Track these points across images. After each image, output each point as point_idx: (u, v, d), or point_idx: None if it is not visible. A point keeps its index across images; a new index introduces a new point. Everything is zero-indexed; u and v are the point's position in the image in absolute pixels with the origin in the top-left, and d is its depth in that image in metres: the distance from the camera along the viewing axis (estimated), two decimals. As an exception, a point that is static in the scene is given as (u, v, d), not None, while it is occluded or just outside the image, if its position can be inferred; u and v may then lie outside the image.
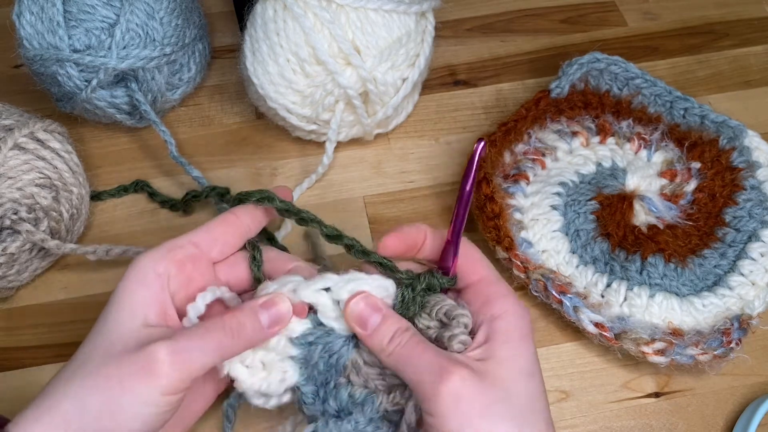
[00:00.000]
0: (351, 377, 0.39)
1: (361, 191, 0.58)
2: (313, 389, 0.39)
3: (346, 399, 0.38)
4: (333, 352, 0.39)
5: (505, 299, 0.37)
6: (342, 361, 0.39)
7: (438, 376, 0.34)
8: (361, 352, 0.39)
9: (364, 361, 0.39)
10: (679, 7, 0.70)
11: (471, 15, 0.70)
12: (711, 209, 0.53)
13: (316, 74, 0.53)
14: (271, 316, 0.37)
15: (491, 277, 0.39)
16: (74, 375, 0.34)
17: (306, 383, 0.39)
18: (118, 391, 0.33)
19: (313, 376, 0.39)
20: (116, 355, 0.34)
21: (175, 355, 0.33)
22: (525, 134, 0.57)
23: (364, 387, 0.39)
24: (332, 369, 0.39)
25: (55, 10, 0.53)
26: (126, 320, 0.36)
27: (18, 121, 0.49)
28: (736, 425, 0.46)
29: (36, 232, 0.48)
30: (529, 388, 0.35)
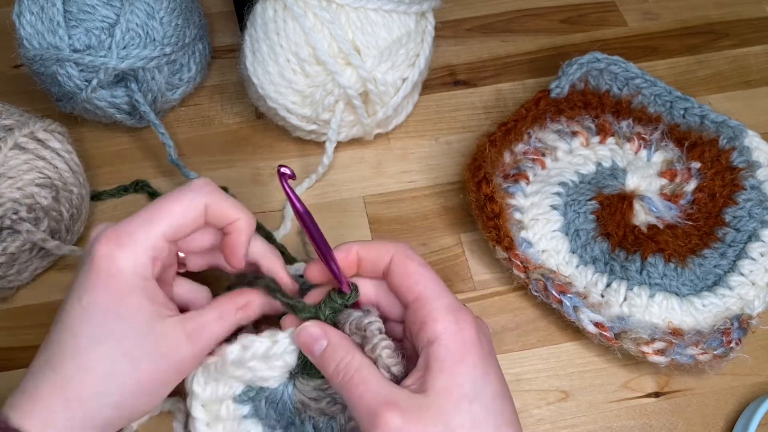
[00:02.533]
0: (308, 412, 0.41)
1: (361, 191, 0.58)
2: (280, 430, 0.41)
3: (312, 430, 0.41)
4: (277, 401, 0.41)
5: (437, 322, 0.35)
6: (289, 405, 0.41)
7: (372, 421, 0.33)
8: (302, 391, 0.41)
9: (309, 398, 0.41)
10: (679, 7, 0.70)
11: (471, 15, 0.70)
12: (711, 209, 0.53)
13: (316, 74, 0.53)
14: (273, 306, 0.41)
15: (426, 294, 0.36)
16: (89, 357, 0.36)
17: (273, 429, 0.41)
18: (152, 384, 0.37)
19: (275, 424, 0.41)
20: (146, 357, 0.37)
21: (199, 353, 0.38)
22: (525, 134, 0.57)
23: (323, 415, 0.41)
24: (285, 413, 0.41)
25: (55, 10, 0.53)
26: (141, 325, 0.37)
27: (18, 121, 0.49)
28: (736, 425, 0.46)
29: (36, 232, 0.48)
30: (472, 414, 0.33)
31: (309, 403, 0.40)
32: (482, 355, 0.35)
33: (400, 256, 0.38)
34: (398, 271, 0.38)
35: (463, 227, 0.55)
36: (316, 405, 0.40)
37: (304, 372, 0.40)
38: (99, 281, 0.36)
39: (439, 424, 0.32)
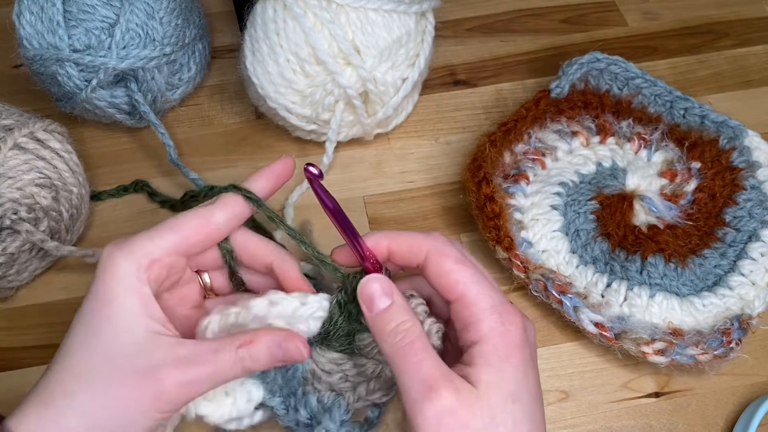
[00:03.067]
0: (315, 385, 0.40)
1: (361, 191, 0.58)
2: (281, 400, 0.39)
3: (316, 405, 0.39)
4: (287, 367, 0.39)
5: (482, 322, 0.34)
6: (299, 374, 0.39)
7: (425, 393, 0.33)
8: (317, 362, 0.39)
9: (322, 370, 0.39)
10: (679, 7, 0.71)
11: (471, 15, 0.70)
12: (711, 209, 0.53)
13: (316, 74, 0.53)
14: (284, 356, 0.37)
15: (468, 295, 0.35)
16: (77, 389, 0.34)
17: (272, 396, 0.39)
18: (130, 411, 0.34)
19: (276, 390, 0.39)
20: (126, 375, 0.34)
21: (184, 386, 0.34)
22: (525, 134, 0.57)
23: (330, 390, 0.39)
24: (292, 381, 0.39)
25: (55, 9, 0.53)
26: (125, 332, 0.35)
27: (18, 121, 0.49)
28: (736, 425, 0.46)
29: (36, 232, 0.48)
30: (514, 415, 0.33)
31: (321, 374, 0.39)
32: (525, 357, 0.34)
33: (435, 254, 0.36)
34: (435, 270, 0.36)
35: (463, 227, 0.55)
36: (327, 378, 0.39)
37: (324, 342, 0.39)
38: (96, 281, 0.36)
39: (486, 416, 0.32)
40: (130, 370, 0.34)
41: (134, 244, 0.36)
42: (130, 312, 0.35)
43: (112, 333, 0.35)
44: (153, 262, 0.36)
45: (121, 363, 0.34)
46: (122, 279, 0.36)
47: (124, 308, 0.35)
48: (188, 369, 0.34)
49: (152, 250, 0.36)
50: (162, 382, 0.34)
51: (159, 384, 0.34)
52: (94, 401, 0.34)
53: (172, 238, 0.37)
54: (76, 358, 0.35)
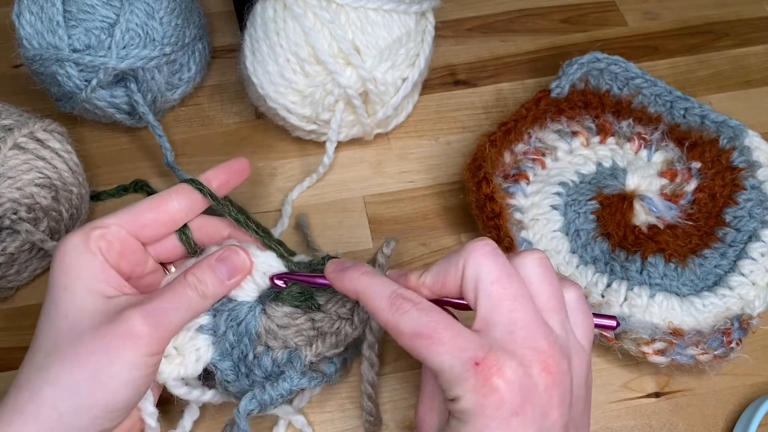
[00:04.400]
0: (268, 342, 0.40)
1: (361, 191, 0.58)
2: (231, 365, 0.39)
3: (271, 364, 0.40)
4: (239, 320, 0.39)
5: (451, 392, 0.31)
6: (252, 329, 0.40)
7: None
8: (271, 317, 0.40)
9: (277, 325, 0.40)
10: (679, 7, 0.71)
11: (471, 15, 0.70)
12: (711, 209, 0.53)
13: (316, 74, 0.53)
14: (229, 269, 0.39)
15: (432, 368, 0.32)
16: (47, 361, 0.34)
17: (222, 359, 0.39)
18: (105, 360, 0.33)
19: (227, 351, 0.39)
20: (89, 331, 0.34)
21: (150, 317, 0.35)
22: (525, 134, 0.57)
23: (284, 348, 0.40)
24: (243, 338, 0.39)
25: (54, 9, 0.53)
26: (83, 299, 0.35)
27: (18, 121, 0.49)
28: (737, 425, 0.46)
29: (35, 232, 0.48)
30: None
31: (275, 330, 0.40)
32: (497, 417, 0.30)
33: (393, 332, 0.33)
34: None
35: (463, 227, 0.55)
36: (282, 332, 0.40)
37: (277, 297, 0.40)
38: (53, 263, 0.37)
39: None
40: (94, 325, 0.34)
41: (86, 224, 0.38)
42: (86, 278, 0.36)
43: (70, 300, 0.35)
44: (102, 234, 0.37)
45: (84, 324, 0.34)
46: (73, 249, 0.36)
47: (78, 276, 0.36)
48: (149, 303, 0.35)
49: (100, 223, 0.38)
50: (127, 320, 0.34)
51: (124, 324, 0.34)
52: (65, 367, 0.33)
53: (123, 215, 0.39)
54: (43, 334, 0.35)
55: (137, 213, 0.39)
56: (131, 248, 0.39)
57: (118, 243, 0.38)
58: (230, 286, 0.39)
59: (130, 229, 0.39)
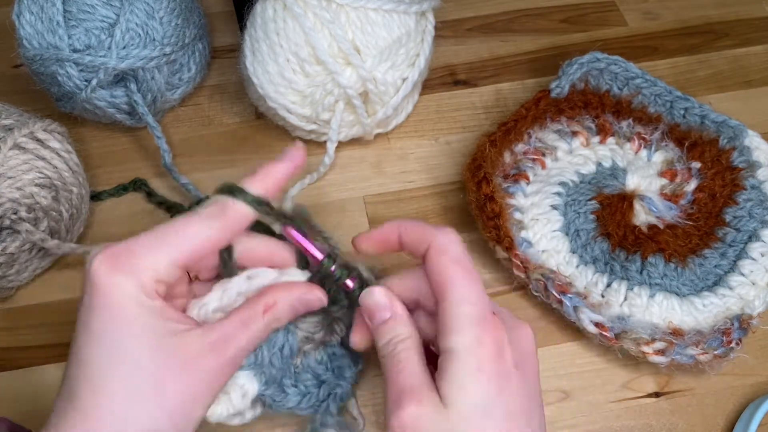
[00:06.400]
0: (304, 349, 0.40)
1: (361, 191, 0.58)
2: (276, 386, 0.39)
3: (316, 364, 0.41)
4: (281, 345, 0.39)
5: (456, 333, 0.34)
6: (294, 348, 0.39)
7: (395, 403, 0.33)
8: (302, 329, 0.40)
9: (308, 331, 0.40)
10: (679, 7, 0.70)
11: (471, 15, 0.70)
12: (711, 209, 0.53)
13: (316, 74, 0.53)
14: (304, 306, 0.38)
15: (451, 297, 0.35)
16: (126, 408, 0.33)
17: (267, 387, 0.39)
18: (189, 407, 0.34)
19: (271, 377, 0.39)
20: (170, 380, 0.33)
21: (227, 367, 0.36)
22: (525, 134, 0.57)
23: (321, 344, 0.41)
24: (287, 359, 0.39)
25: (54, 9, 0.53)
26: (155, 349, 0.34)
27: (18, 121, 0.49)
28: (736, 425, 0.46)
29: (35, 232, 0.48)
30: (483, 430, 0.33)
31: (312, 336, 0.40)
32: (500, 371, 0.34)
33: (435, 249, 0.36)
34: (431, 265, 0.36)
35: (463, 227, 0.55)
36: (319, 336, 0.40)
37: None
38: (101, 306, 0.33)
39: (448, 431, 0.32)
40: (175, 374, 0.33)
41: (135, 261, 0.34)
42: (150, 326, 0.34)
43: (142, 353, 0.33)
44: (158, 278, 0.34)
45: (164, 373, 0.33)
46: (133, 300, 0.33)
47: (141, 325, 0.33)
48: (227, 349, 0.35)
49: (156, 267, 0.34)
50: (209, 369, 0.34)
51: (203, 370, 0.34)
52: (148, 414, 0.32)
53: (176, 253, 0.35)
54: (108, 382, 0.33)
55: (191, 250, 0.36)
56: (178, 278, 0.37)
57: (170, 281, 0.35)
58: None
59: (181, 266, 0.36)
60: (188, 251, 0.35)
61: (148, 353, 0.33)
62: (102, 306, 0.33)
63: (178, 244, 0.35)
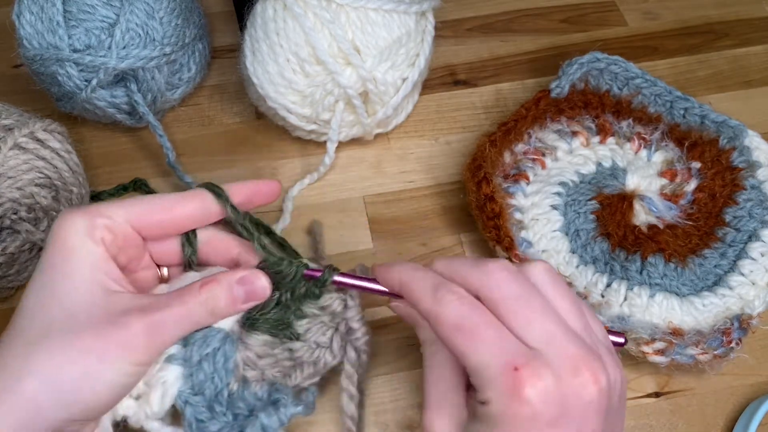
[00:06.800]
0: (246, 374, 0.38)
1: (361, 191, 0.58)
2: (205, 401, 0.37)
3: (253, 397, 0.38)
4: (215, 348, 0.37)
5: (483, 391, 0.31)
6: (230, 359, 0.37)
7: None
8: (247, 346, 0.38)
9: (256, 354, 0.38)
10: (679, 7, 0.70)
11: (471, 15, 0.70)
12: (711, 209, 0.53)
13: (316, 74, 0.53)
14: (247, 293, 0.36)
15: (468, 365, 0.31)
16: (33, 350, 0.32)
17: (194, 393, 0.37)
18: (96, 363, 0.32)
19: (200, 384, 0.37)
20: (86, 327, 0.33)
21: (151, 329, 0.33)
22: (525, 134, 0.57)
23: (261, 380, 0.38)
24: (221, 369, 0.37)
25: (55, 9, 0.53)
26: (82, 289, 0.34)
27: (18, 121, 0.49)
28: (736, 425, 0.46)
29: (36, 232, 0.48)
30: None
31: (254, 359, 0.38)
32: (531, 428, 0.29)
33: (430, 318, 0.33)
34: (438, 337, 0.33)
35: (463, 227, 0.55)
36: (260, 362, 0.38)
37: (253, 326, 0.38)
38: (50, 240, 0.34)
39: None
40: (92, 322, 0.33)
41: (94, 206, 0.36)
42: (87, 267, 0.34)
43: (69, 288, 0.34)
44: (108, 225, 0.35)
45: (81, 317, 0.33)
46: (75, 234, 0.34)
47: (79, 264, 0.34)
48: (154, 313, 0.34)
49: (108, 213, 0.35)
50: (128, 327, 0.33)
51: (125, 330, 0.33)
52: (54, 360, 0.32)
53: (131, 209, 0.36)
54: (30, 319, 0.33)
55: (147, 210, 0.37)
56: (133, 243, 0.37)
57: (122, 237, 0.36)
58: (240, 310, 0.37)
59: (136, 225, 0.37)
60: (144, 211, 0.37)
61: (73, 298, 0.33)
62: (50, 240, 0.34)
63: (137, 205, 0.37)
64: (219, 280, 0.36)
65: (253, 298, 0.37)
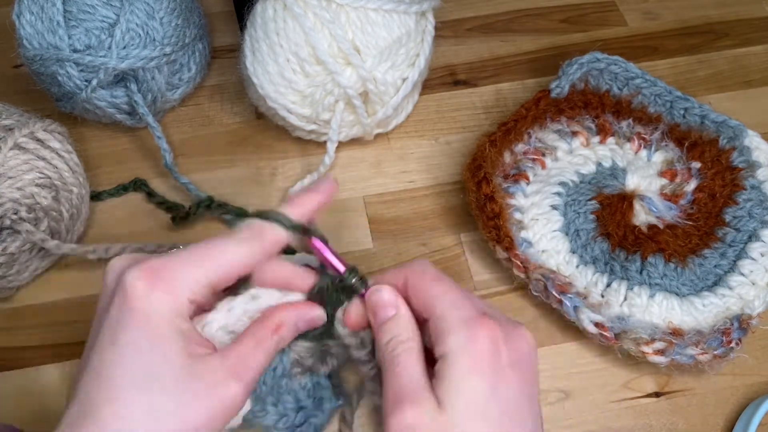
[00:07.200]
0: (292, 372, 0.40)
1: (361, 191, 0.58)
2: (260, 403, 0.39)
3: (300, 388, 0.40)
4: (274, 366, 0.39)
5: (447, 336, 0.34)
6: (286, 370, 0.39)
7: (393, 405, 0.33)
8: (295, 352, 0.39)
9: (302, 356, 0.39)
10: (679, 7, 0.70)
11: (471, 15, 0.70)
12: (711, 209, 0.53)
13: (316, 74, 0.53)
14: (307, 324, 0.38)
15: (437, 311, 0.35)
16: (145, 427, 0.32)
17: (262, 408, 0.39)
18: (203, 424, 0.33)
19: (260, 395, 0.39)
20: (193, 403, 0.33)
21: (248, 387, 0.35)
22: (525, 134, 0.57)
23: (310, 372, 0.40)
24: (278, 379, 0.39)
25: (55, 9, 0.53)
26: (180, 371, 0.33)
27: (18, 121, 0.49)
28: (736, 425, 0.46)
29: (36, 232, 0.48)
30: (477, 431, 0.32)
31: (303, 360, 0.40)
32: (494, 369, 0.33)
33: (413, 275, 0.37)
34: (413, 291, 0.37)
35: (463, 227, 0.55)
36: (309, 363, 0.40)
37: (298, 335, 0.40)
38: (135, 321, 0.33)
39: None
40: (197, 396, 0.33)
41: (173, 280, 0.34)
42: (180, 347, 0.33)
43: (168, 372, 0.33)
44: (193, 299, 0.34)
45: (186, 396, 0.33)
46: (162, 318, 0.33)
47: (174, 346, 0.33)
48: (245, 373, 0.34)
49: (193, 287, 0.34)
50: (230, 394, 0.34)
51: (228, 399, 0.34)
52: (158, 427, 0.32)
53: (212, 274, 0.35)
54: (131, 400, 0.32)
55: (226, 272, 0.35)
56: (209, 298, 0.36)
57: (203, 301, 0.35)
58: None
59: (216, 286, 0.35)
60: (224, 273, 0.35)
61: (173, 375, 0.33)
62: (135, 321, 0.33)
63: (215, 265, 0.35)
64: (286, 324, 0.37)
65: (311, 327, 0.38)
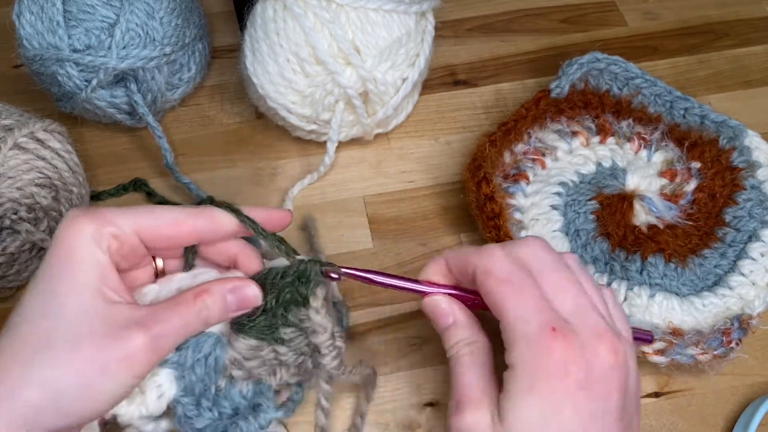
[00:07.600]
0: (233, 373, 0.39)
1: (361, 191, 0.58)
2: (193, 399, 0.38)
3: (238, 396, 0.39)
4: (207, 353, 0.38)
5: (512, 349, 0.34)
6: (220, 362, 0.38)
7: (456, 407, 0.35)
8: (236, 349, 0.39)
9: (243, 357, 0.39)
10: (679, 7, 0.70)
11: (471, 15, 0.70)
12: (711, 209, 0.53)
13: (316, 74, 0.53)
14: (239, 302, 0.37)
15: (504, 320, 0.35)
16: (36, 359, 0.32)
17: (185, 394, 0.38)
18: (98, 376, 0.33)
19: (191, 385, 0.38)
20: (89, 339, 0.33)
21: (152, 343, 0.34)
22: (525, 134, 0.57)
23: (248, 378, 0.39)
24: (211, 371, 0.38)
25: (55, 9, 0.53)
26: (86, 299, 0.34)
27: (18, 121, 0.49)
28: (736, 425, 0.46)
29: (36, 232, 0.48)
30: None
31: (242, 361, 0.39)
32: (561, 389, 0.32)
33: (480, 271, 0.36)
34: (481, 288, 0.36)
35: (463, 227, 0.55)
36: (248, 364, 0.39)
37: (241, 330, 0.39)
38: (55, 249, 0.34)
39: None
40: (94, 334, 0.33)
41: (102, 213, 0.35)
42: (92, 276, 0.34)
43: (72, 297, 0.33)
44: (115, 234, 0.35)
45: (83, 328, 0.33)
46: (84, 242, 0.34)
47: (84, 272, 0.34)
48: (154, 327, 0.34)
49: (119, 223, 0.35)
50: (130, 342, 0.33)
51: (127, 345, 0.33)
52: (56, 370, 0.32)
53: (140, 220, 0.36)
54: (33, 325, 0.33)
55: (156, 224, 0.37)
56: (137, 252, 0.37)
57: (128, 246, 0.36)
58: (231, 317, 0.38)
59: (143, 236, 0.36)
60: (152, 226, 0.36)
61: (77, 306, 0.33)
62: (55, 243, 0.34)
63: (146, 215, 0.36)
64: (212, 290, 0.36)
65: (245, 306, 0.37)
